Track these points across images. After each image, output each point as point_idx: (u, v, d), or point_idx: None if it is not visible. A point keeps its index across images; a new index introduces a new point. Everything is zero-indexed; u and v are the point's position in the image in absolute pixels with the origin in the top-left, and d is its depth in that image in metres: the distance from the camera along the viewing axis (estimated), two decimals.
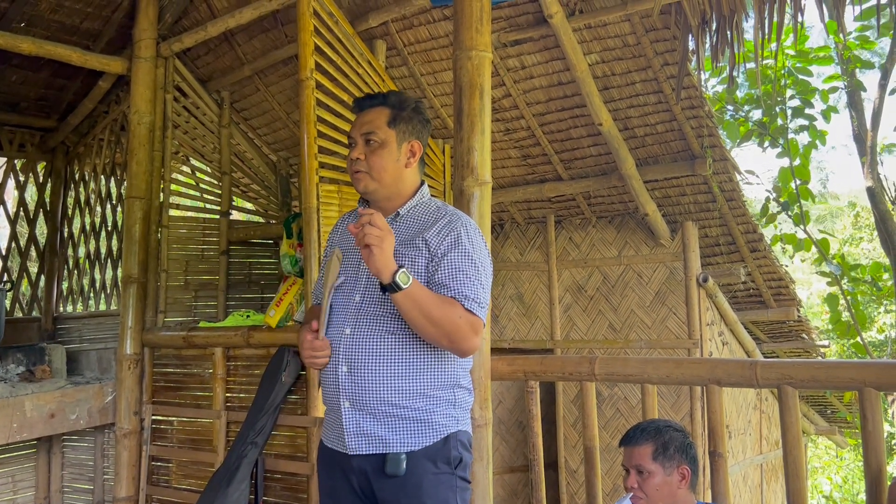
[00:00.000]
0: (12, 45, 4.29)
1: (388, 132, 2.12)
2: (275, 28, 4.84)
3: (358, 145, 2.13)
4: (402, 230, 2.12)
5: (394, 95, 2.18)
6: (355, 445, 2.03)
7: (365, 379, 2.01)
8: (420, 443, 2.01)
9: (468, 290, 1.99)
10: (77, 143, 5.85)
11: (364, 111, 2.18)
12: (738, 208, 5.03)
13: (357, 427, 2.02)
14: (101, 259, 5.65)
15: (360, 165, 2.11)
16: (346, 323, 2.06)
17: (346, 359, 2.03)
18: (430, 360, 2.04)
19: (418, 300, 1.89)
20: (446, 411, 2.07)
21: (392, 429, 2.01)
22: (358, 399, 2.02)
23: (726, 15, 3.82)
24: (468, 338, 1.97)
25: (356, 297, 2.08)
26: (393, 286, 1.86)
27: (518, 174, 5.49)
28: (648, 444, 2.39)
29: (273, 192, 5.75)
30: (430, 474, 2.00)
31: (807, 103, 6.89)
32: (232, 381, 4.12)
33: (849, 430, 8.16)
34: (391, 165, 2.12)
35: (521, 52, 4.50)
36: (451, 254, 2.02)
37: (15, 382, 4.32)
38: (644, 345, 5.35)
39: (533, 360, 3.02)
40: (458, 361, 2.12)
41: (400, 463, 1.98)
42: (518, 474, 6.20)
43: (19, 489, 5.07)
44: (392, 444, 2.00)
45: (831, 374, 2.40)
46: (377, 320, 2.03)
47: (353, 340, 2.03)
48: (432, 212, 2.16)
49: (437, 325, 1.92)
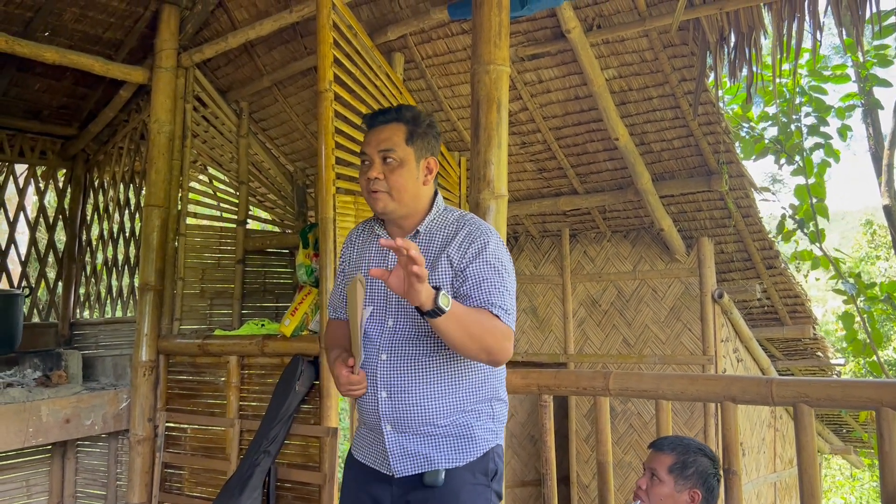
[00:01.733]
0: (36, 53, 4.35)
1: (407, 150, 2.05)
2: (294, 40, 4.89)
3: (375, 164, 2.04)
4: (421, 247, 2.05)
5: (408, 111, 2.12)
6: (401, 468, 2.00)
7: (406, 403, 1.98)
8: (464, 458, 2.00)
9: (495, 298, 1.94)
10: (97, 151, 5.91)
11: (378, 127, 2.09)
12: (754, 224, 5.02)
13: (402, 449, 2.00)
14: (119, 266, 5.70)
15: (378, 185, 2.03)
16: (382, 349, 2.02)
17: (384, 384, 2.00)
18: (469, 375, 2.02)
19: (459, 318, 1.82)
20: (486, 425, 2.05)
21: (436, 446, 1.99)
22: (400, 422, 2.00)
23: (744, 32, 3.83)
24: (504, 348, 1.93)
25: (389, 321, 2.03)
26: (436, 311, 1.76)
27: (534, 187, 5.50)
28: (671, 455, 2.41)
29: (289, 202, 5.78)
30: (469, 485, 1.99)
31: (822, 121, 6.86)
32: (246, 389, 4.13)
33: (864, 449, 8.07)
34: (411, 184, 2.05)
35: (538, 67, 4.51)
36: (474, 264, 1.98)
37: (31, 387, 4.35)
38: (658, 360, 5.33)
39: (547, 374, 3.01)
40: (495, 374, 2.09)
41: (438, 475, 1.96)
42: (530, 488, 6.17)
43: (33, 493, 5.10)
44: (436, 462, 1.98)
45: (848, 393, 2.38)
46: (412, 343, 2.00)
47: (390, 365, 2.00)
48: (451, 224, 2.10)
49: (477, 340, 1.87)
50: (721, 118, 4.43)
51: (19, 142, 5.74)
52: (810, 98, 6.80)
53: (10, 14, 4.46)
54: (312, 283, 4.16)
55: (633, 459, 5.34)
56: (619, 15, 4.03)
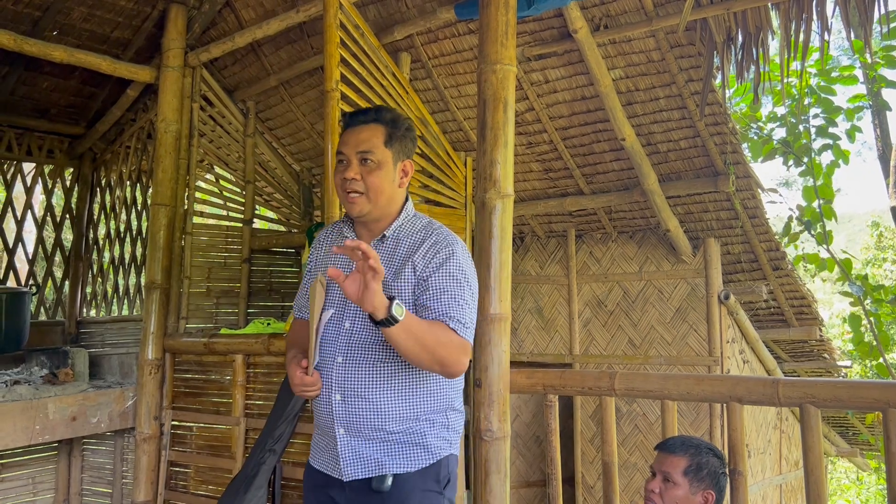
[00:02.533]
0: (44, 52, 4.37)
1: (385, 152, 2.04)
2: (301, 40, 4.90)
3: (352, 164, 2.02)
4: (387, 251, 2.07)
5: (387, 112, 2.10)
6: (352, 471, 2.00)
7: (359, 406, 1.98)
8: (415, 465, 2.00)
9: (454, 311, 1.94)
10: (104, 150, 5.93)
11: (356, 127, 2.07)
12: (761, 226, 5.00)
13: (353, 452, 2.00)
14: (125, 265, 5.72)
15: (356, 186, 2.01)
16: (338, 351, 2.01)
17: (339, 387, 2.00)
18: (424, 383, 2.02)
19: (411, 329, 1.82)
20: (440, 434, 2.06)
21: (387, 452, 1.99)
22: (353, 425, 1.99)
23: (752, 32, 3.82)
24: (459, 361, 1.93)
25: (346, 323, 2.03)
26: (389, 320, 1.76)
27: (539, 188, 5.49)
28: (685, 457, 2.40)
29: (296, 201, 5.79)
30: (419, 491, 1.99)
31: (831, 122, 6.83)
32: (251, 388, 4.14)
33: (871, 452, 8.04)
34: (387, 186, 2.04)
35: (545, 67, 4.51)
36: (436, 274, 1.97)
37: (38, 385, 4.36)
38: (664, 361, 5.32)
39: (552, 374, 3.01)
40: (450, 384, 2.09)
41: (385, 480, 1.96)
42: (534, 489, 6.17)
43: (39, 491, 5.12)
44: (387, 467, 1.98)
45: (855, 394, 2.37)
46: (369, 347, 1.99)
47: (345, 368, 2.00)
48: (418, 231, 2.09)
49: (430, 352, 1.87)
50: (728, 119, 4.42)
51: (27, 140, 5.77)
52: (819, 99, 6.78)
53: (18, 13, 4.48)
54: None
55: (638, 460, 5.34)
56: (626, 15, 4.03)
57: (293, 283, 5.49)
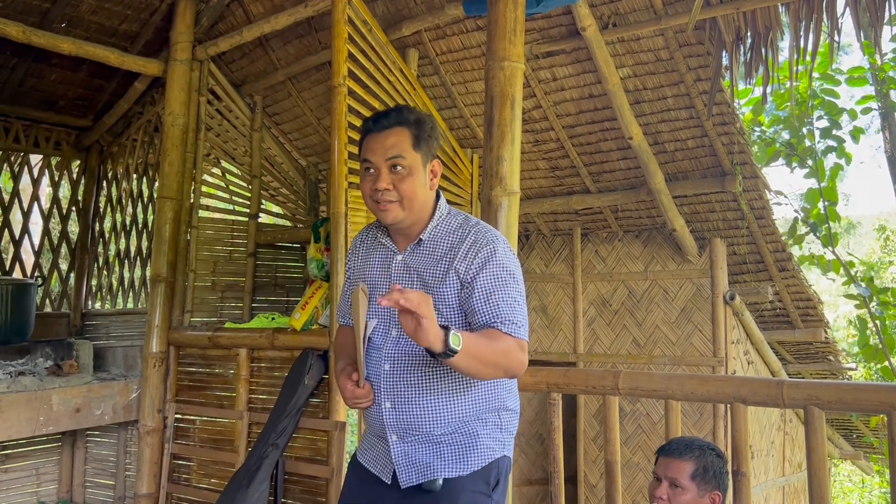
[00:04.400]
0: (53, 44, 4.38)
1: (415, 156, 1.97)
2: (309, 34, 4.89)
3: (382, 173, 1.94)
4: (425, 254, 2.02)
5: (410, 113, 2.01)
6: (407, 478, 1.96)
7: (410, 413, 1.95)
8: (468, 468, 1.96)
9: (505, 312, 1.90)
10: (111, 143, 5.94)
11: (381, 132, 1.98)
12: (768, 227, 4.99)
13: (407, 459, 1.97)
14: (131, 257, 5.72)
15: (389, 196, 1.94)
16: (385, 358, 1.98)
17: (388, 395, 1.96)
18: (475, 385, 1.98)
19: (471, 352, 1.76)
20: (493, 434, 2.01)
21: (441, 455, 1.96)
22: (405, 432, 1.97)
23: (761, 32, 3.80)
24: (520, 363, 1.90)
25: (393, 332, 1.99)
26: (448, 353, 1.69)
27: (546, 186, 5.48)
28: (690, 461, 2.38)
29: (301, 196, 5.79)
30: (469, 492, 1.95)
31: (835, 124, 6.81)
32: (255, 382, 4.15)
33: (875, 455, 8.02)
34: (420, 191, 1.98)
35: (552, 64, 4.50)
36: (481, 275, 1.92)
37: (43, 376, 4.37)
38: (668, 361, 5.31)
39: (556, 373, 3.01)
40: (502, 384, 2.05)
41: (435, 481, 1.93)
42: (536, 487, 6.17)
43: (42, 482, 5.14)
44: (440, 470, 1.94)
45: (859, 397, 2.36)
46: (416, 354, 1.94)
47: (393, 376, 1.96)
48: (455, 230, 2.02)
49: (492, 366, 1.84)
50: (736, 119, 4.41)
51: (34, 132, 5.78)
52: (822, 101, 6.75)
53: (27, 5, 4.48)
54: (323, 277, 4.17)
55: (640, 460, 5.33)
56: (635, 13, 4.02)
57: (298, 279, 5.48)
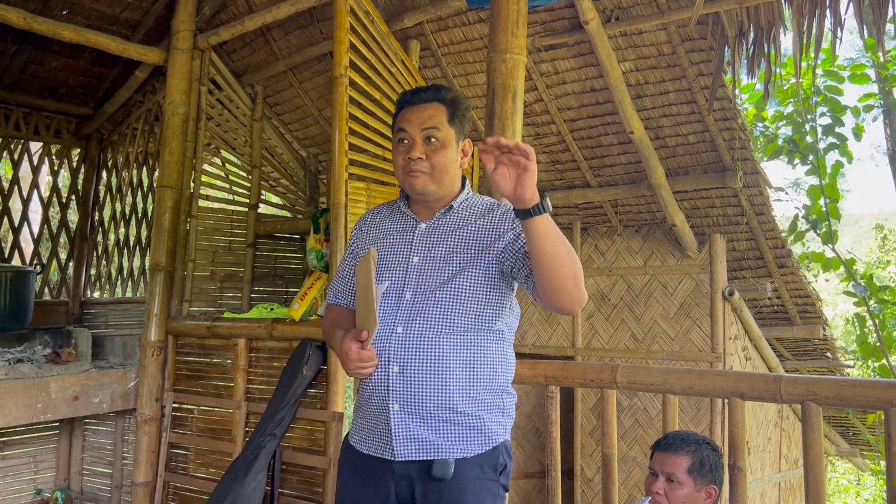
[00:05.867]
0: (54, 32, 4.36)
1: (449, 130, 2.01)
2: (311, 25, 4.88)
3: (417, 143, 1.99)
4: (454, 221, 2.05)
5: (447, 91, 2.07)
6: (404, 451, 1.91)
7: (418, 380, 1.91)
8: (473, 450, 1.93)
9: None
10: (111, 132, 5.93)
11: (418, 105, 2.03)
12: (768, 223, 4.99)
13: (407, 431, 1.91)
14: (130, 246, 5.73)
15: (421, 166, 1.98)
16: (398, 321, 1.94)
17: (397, 359, 1.92)
18: (483, 362, 1.96)
19: (555, 229, 1.73)
20: (497, 419, 2.00)
21: (445, 434, 1.92)
22: (409, 401, 1.91)
23: (764, 27, 3.79)
24: (583, 286, 1.84)
25: (407, 294, 1.97)
26: (541, 207, 1.68)
27: (546, 179, 5.48)
28: (687, 456, 2.38)
29: (301, 187, 5.79)
30: (477, 479, 1.92)
31: (837, 121, 6.80)
32: (253, 372, 4.15)
33: (871, 452, 8.03)
34: (451, 166, 2.02)
35: (554, 58, 4.49)
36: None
37: (41, 364, 4.38)
38: (666, 356, 5.31)
39: (554, 366, 3.01)
40: (506, 366, 2.04)
41: (448, 467, 1.89)
42: (533, 480, 6.18)
43: (40, 469, 5.15)
44: (444, 450, 1.91)
45: (857, 393, 2.36)
46: (430, 319, 1.93)
47: (405, 339, 1.93)
48: (486, 206, 2.07)
49: (567, 253, 1.77)
50: (737, 114, 4.40)
51: (34, 120, 5.77)
52: (825, 98, 6.74)
53: None
54: (322, 268, 4.16)
55: (637, 454, 5.34)
56: (638, 7, 4.00)
57: (297, 269, 5.49)
